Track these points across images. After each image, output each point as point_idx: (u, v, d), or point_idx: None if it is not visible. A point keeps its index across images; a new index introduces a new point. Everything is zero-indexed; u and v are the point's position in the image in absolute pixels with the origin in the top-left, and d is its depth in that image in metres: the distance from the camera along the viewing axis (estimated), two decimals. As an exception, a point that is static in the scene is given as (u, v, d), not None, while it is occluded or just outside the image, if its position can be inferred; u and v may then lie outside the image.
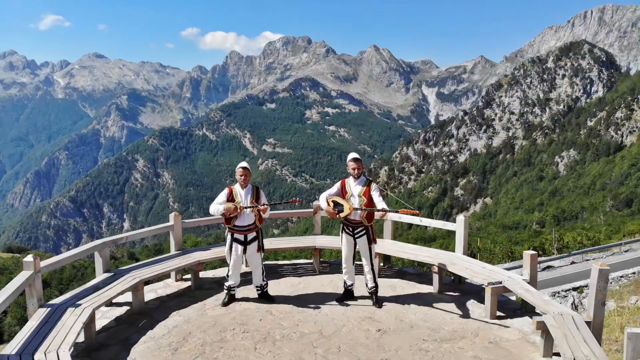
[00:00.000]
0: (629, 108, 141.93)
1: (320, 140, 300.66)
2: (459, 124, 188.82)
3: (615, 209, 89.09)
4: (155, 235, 7.79)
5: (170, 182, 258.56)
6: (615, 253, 29.96)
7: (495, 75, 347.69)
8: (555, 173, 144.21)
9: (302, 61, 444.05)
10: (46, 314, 4.84)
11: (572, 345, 4.30)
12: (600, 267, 4.82)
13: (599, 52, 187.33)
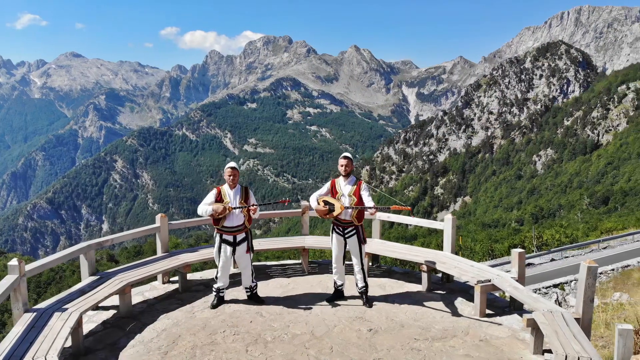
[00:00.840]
0: (604, 108, 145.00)
1: (302, 140, 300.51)
2: (439, 123, 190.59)
3: (592, 206, 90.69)
4: (135, 237, 7.65)
5: (149, 183, 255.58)
6: (594, 250, 30.56)
7: (474, 75, 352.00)
8: (533, 172, 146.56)
9: (283, 61, 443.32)
10: (32, 318, 4.72)
11: (563, 342, 4.35)
12: (589, 264, 4.90)
13: (576, 53, 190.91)
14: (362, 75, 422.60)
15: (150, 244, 66.96)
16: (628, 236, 32.28)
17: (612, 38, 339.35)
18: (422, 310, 6.03)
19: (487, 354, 4.96)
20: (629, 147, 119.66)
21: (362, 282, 6.16)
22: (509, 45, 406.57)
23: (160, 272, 6.33)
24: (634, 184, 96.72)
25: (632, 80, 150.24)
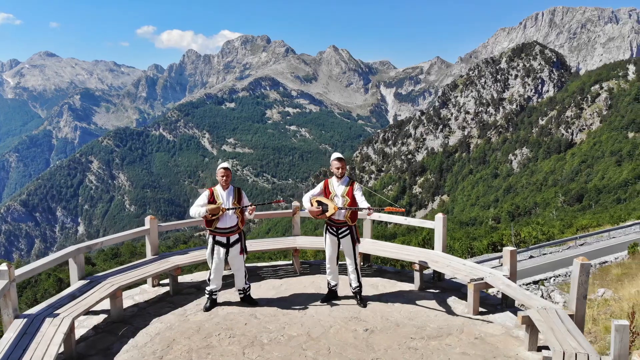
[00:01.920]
0: (578, 107, 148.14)
1: (282, 140, 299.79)
2: (417, 123, 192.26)
3: (566, 204, 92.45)
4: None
5: (126, 184, 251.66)
6: (571, 247, 31.12)
7: (451, 75, 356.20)
8: (509, 170, 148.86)
9: (262, 60, 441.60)
10: (23, 325, 4.59)
11: (559, 338, 4.42)
12: (582, 261, 4.98)
13: (550, 53, 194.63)
14: (340, 76, 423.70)
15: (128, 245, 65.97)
16: (604, 233, 32.99)
17: (586, 38, 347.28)
18: (416, 309, 6.06)
19: (483, 351, 5.01)
20: (602, 146, 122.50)
21: (356, 282, 6.16)
22: (484, 45, 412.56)
23: (152, 275, 6.23)
24: (607, 181, 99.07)
25: (605, 80, 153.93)
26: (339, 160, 5.97)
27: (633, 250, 21.28)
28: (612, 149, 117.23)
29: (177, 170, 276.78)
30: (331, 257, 6.14)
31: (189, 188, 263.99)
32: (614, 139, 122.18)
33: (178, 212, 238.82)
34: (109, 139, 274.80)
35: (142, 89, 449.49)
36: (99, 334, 5.40)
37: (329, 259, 6.16)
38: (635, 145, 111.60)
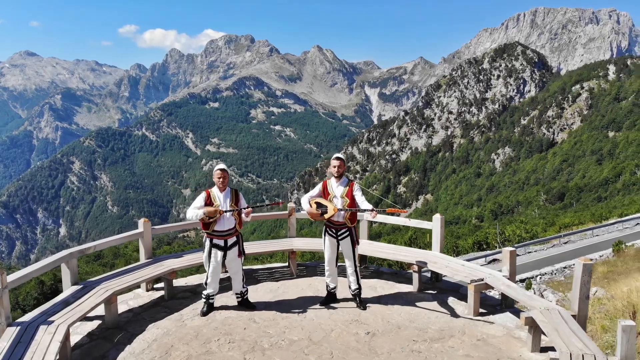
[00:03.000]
0: (559, 107, 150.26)
1: (266, 140, 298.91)
2: (401, 123, 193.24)
3: (548, 202, 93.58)
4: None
5: (108, 185, 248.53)
6: (556, 245, 31.51)
7: (434, 76, 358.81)
8: (492, 170, 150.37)
9: (246, 60, 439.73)
10: (17, 333, 4.42)
11: (565, 339, 4.40)
12: (584, 262, 4.98)
13: (532, 54, 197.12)
14: (325, 75, 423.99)
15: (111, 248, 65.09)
16: (587, 231, 33.48)
17: (567, 39, 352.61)
18: (416, 311, 6.02)
19: (486, 353, 4.97)
20: (583, 145, 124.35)
21: (355, 284, 6.09)
22: (467, 46, 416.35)
23: (147, 280, 6.07)
24: (588, 180, 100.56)
25: (585, 80, 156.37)
26: (337, 160, 5.90)
27: (618, 248, 21.58)
28: (592, 148, 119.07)
29: (160, 170, 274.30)
30: (330, 259, 6.05)
31: (173, 189, 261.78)
32: (595, 138, 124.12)
33: (161, 213, 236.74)
34: (90, 139, 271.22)
35: (124, 88, 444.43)
36: (94, 340, 5.24)
37: (328, 261, 6.07)
38: (615, 144, 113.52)
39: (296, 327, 5.53)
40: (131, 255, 49.37)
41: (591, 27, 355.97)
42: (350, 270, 6.04)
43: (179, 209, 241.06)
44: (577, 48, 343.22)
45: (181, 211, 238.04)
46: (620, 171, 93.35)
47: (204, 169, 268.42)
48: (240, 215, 5.83)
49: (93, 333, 5.41)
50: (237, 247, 5.85)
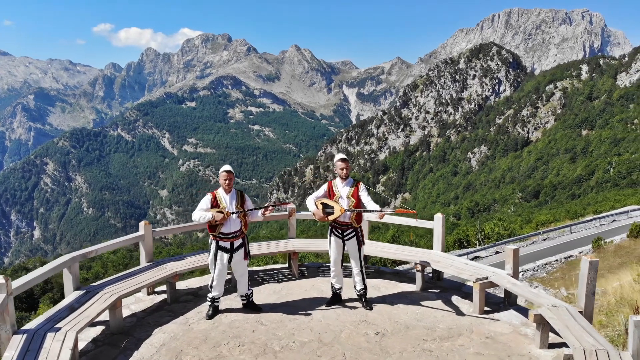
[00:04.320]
0: (534, 106, 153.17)
1: (245, 139, 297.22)
2: (379, 123, 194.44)
3: (524, 200, 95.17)
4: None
5: (83, 186, 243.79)
6: (535, 242, 32.05)
7: (411, 76, 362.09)
8: (468, 168, 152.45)
9: (223, 59, 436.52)
10: (24, 341, 4.29)
11: (576, 335, 4.47)
12: (591, 259, 5.08)
13: (506, 54, 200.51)
14: (303, 75, 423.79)
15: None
16: (565, 228, 34.18)
17: (540, 39, 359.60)
18: (422, 310, 6.05)
19: (497, 350, 5.03)
20: (557, 144, 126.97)
21: (361, 285, 6.09)
22: (443, 46, 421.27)
23: (151, 283, 5.96)
24: (562, 178, 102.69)
25: (559, 79, 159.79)
26: (343, 161, 5.88)
27: (597, 244, 22.09)
28: (566, 147, 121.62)
29: (136, 171, 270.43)
30: (336, 259, 6.03)
31: (149, 189, 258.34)
32: (568, 136, 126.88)
33: (138, 214, 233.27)
34: (64, 140, 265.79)
35: (99, 88, 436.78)
36: (99, 347, 5.12)
37: (333, 262, 6.05)
38: (588, 142, 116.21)
39: (305, 328, 5.51)
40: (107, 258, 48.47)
41: (564, 28, 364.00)
42: (356, 271, 6.04)
43: (156, 210, 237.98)
44: (550, 48, 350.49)
45: (158, 212, 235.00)
46: (593, 169, 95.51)
47: (181, 170, 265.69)
48: (246, 217, 5.78)
49: (98, 339, 5.29)
50: (243, 250, 5.79)
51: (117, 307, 5.39)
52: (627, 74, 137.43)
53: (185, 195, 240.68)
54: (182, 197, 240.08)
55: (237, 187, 5.85)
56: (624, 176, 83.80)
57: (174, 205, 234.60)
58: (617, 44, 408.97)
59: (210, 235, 5.72)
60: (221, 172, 5.71)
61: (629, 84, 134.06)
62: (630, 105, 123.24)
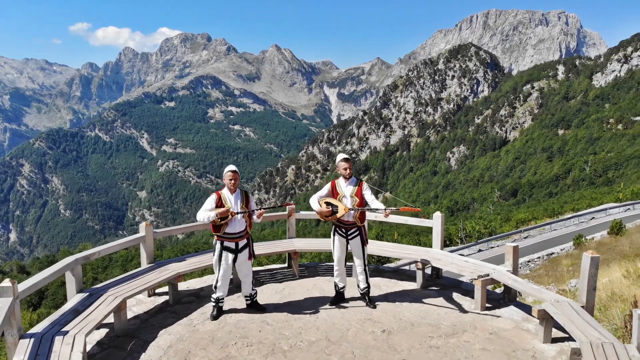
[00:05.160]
0: (511, 106, 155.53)
1: (225, 139, 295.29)
2: (360, 123, 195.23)
3: (502, 199, 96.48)
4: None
5: (60, 188, 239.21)
6: (517, 240, 32.60)
7: (391, 76, 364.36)
8: (448, 168, 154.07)
9: (202, 58, 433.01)
10: (32, 345, 4.21)
11: (582, 329, 4.58)
12: (592, 255, 5.20)
13: (484, 55, 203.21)
14: (284, 75, 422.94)
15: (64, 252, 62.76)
16: (545, 226, 34.85)
17: (518, 40, 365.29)
18: (425, 308, 6.12)
19: (502, 346, 5.12)
20: (534, 143, 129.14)
21: (364, 283, 6.13)
22: (422, 47, 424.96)
23: (155, 285, 5.91)
24: (539, 176, 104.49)
25: (536, 80, 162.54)
26: (345, 161, 5.93)
27: (579, 241, 22.56)
28: (543, 146, 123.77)
29: (114, 172, 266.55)
30: (340, 258, 6.07)
31: (128, 191, 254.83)
32: (545, 136, 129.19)
33: (116, 216, 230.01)
34: (41, 141, 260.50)
35: (76, 88, 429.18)
36: (105, 350, 5.06)
37: (337, 261, 6.08)
38: (565, 141, 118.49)
39: (311, 327, 5.52)
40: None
41: (541, 29, 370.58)
42: (359, 270, 6.08)
43: (135, 211, 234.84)
44: (527, 49, 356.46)
45: (137, 214, 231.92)
46: (570, 168, 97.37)
47: (160, 170, 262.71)
48: (251, 217, 5.77)
49: (103, 342, 5.22)
50: (248, 250, 5.79)
51: (122, 309, 5.34)
52: (603, 74, 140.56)
53: (165, 197, 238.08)
54: (161, 199, 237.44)
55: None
56: (600, 174, 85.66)
57: (153, 207, 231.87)
58: (593, 45, 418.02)
59: (215, 235, 5.70)
60: (226, 172, 5.71)
61: (604, 84, 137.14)
62: (605, 105, 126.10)
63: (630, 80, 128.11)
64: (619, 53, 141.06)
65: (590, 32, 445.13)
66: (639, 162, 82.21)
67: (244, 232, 5.71)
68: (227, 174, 5.68)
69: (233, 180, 5.65)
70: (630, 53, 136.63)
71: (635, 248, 15.66)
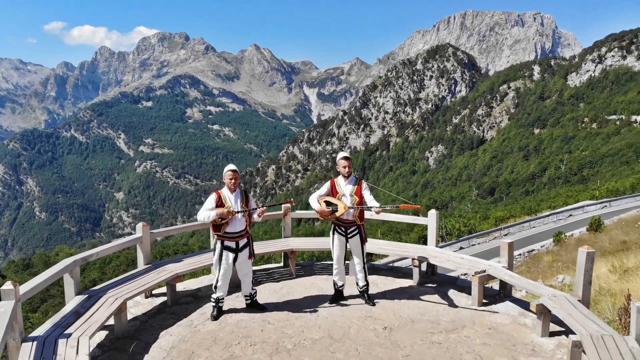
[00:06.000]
0: (488, 106, 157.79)
1: (204, 139, 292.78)
2: (340, 123, 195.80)
3: (480, 197, 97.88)
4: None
5: (35, 190, 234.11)
6: (497, 237, 33.13)
7: (370, 76, 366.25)
8: (426, 167, 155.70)
9: (180, 58, 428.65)
10: (35, 349, 4.14)
11: (581, 322, 4.70)
12: (587, 250, 5.34)
13: (462, 55, 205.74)
14: (263, 75, 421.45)
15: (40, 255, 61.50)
16: (525, 223, 35.51)
17: (494, 41, 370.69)
18: (423, 304, 6.19)
19: (502, 340, 5.22)
20: (511, 142, 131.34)
21: (363, 281, 6.18)
22: (401, 47, 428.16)
23: (154, 286, 5.85)
24: (516, 175, 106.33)
25: (512, 80, 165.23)
26: (346, 159, 5.97)
27: (558, 238, 23.02)
28: (519, 145, 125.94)
29: (90, 173, 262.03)
30: (339, 257, 6.10)
31: (104, 192, 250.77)
32: (522, 135, 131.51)
33: (93, 217, 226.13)
34: (15, 142, 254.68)
35: (51, 88, 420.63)
36: (107, 352, 4.99)
37: (336, 259, 6.12)
38: (540, 140, 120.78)
39: (313, 325, 5.54)
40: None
41: (517, 30, 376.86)
42: (358, 268, 6.13)
43: (112, 213, 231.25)
44: (504, 49, 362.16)
45: (114, 216, 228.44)
46: (545, 166, 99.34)
47: (138, 171, 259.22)
48: (251, 216, 5.77)
49: (103, 344, 5.15)
50: (248, 249, 5.78)
51: (123, 311, 5.28)
52: (577, 74, 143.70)
53: (143, 198, 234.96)
54: (139, 200, 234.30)
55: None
56: (575, 173, 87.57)
57: (131, 208, 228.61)
58: (568, 45, 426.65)
59: (215, 235, 5.68)
60: (226, 171, 5.69)
61: (579, 83, 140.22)
62: (580, 105, 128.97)
63: (604, 80, 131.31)
64: (593, 53, 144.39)
65: (565, 32, 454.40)
66: (613, 160, 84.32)
67: (244, 231, 5.71)
68: (227, 173, 5.66)
69: (233, 180, 5.64)
70: (604, 53, 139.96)
71: (614, 244, 16.07)
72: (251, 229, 5.91)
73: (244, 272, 5.82)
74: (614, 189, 48.89)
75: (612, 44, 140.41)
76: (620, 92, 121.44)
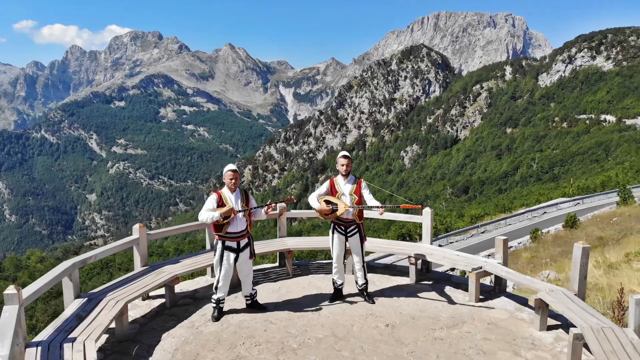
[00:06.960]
0: (462, 106, 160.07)
1: (178, 140, 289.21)
2: (316, 123, 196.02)
3: (454, 195, 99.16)
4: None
5: (4, 192, 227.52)
6: (474, 235, 33.65)
7: (346, 76, 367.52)
8: (402, 166, 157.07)
9: (154, 57, 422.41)
10: (40, 355, 4.05)
11: (580, 316, 4.84)
12: (582, 245, 5.49)
13: (436, 56, 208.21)
14: (238, 74, 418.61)
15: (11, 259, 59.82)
16: (501, 221, 36.15)
17: (467, 42, 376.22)
18: (422, 302, 6.26)
19: (502, 335, 5.33)
20: (484, 141, 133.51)
21: (362, 280, 6.22)
22: (376, 47, 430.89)
23: (154, 287, 5.77)
24: (489, 174, 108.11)
25: (484, 80, 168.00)
26: (345, 158, 5.99)
27: (535, 235, 23.53)
28: (492, 144, 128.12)
29: (62, 175, 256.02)
30: (339, 256, 6.14)
31: (76, 194, 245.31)
32: (494, 134, 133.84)
33: (65, 220, 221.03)
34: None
35: (20, 87, 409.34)
36: (109, 355, 4.91)
37: (336, 258, 6.15)
38: (513, 139, 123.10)
39: (315, 324, 5.56)
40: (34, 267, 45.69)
41: (489, 31, 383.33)
42: (358, 266, 6.17)
43: (84, 215, 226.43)
44: (476, 50, 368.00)
45: (87, 218, 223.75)
46: (518, 165, 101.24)
47: (111, 172, 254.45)
48: (251, 215, 5.75)
49: (105, 348, 5.06)
50: (249, 249, 5.77)
51: (124, 314, 5.20)
52: (548, 75, 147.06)
53: (116, 199, 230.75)
54: (112, 201, 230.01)
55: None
56: (546, 171, 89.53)
57: (104, 210, 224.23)
58: (539, 46, 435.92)
59: (216, 235, 5.65)
60: (226, 171, 5.66)
61: (549, 84, 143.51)
62: (551, 104, 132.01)
63: (574, 80, 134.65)
64: (563, 54, 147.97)
65: (536, 33, 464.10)
66: (583, 158, 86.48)
67: (245, 231, 5.69)
68: (227, 173, 5.64)
69: (234, 180, 5.62)
70: (574, 54, 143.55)
71: (591, 240, 16.52)
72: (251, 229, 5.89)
73: (245, 272, 5.80)
74: (584, 187, 50.15)
75: (581, 45, 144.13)
76: (590, 91, 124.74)
